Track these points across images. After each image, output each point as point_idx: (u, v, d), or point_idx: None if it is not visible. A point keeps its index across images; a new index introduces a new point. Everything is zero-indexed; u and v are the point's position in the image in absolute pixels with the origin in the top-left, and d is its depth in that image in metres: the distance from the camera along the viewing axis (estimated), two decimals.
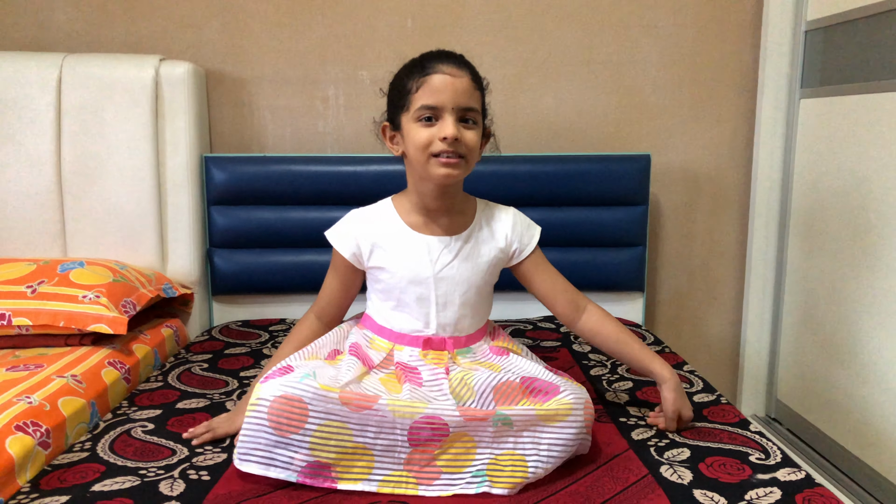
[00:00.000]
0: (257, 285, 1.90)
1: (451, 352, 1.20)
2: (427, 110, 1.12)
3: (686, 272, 2.10)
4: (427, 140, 1.13)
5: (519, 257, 1.26)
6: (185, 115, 1.79)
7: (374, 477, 1.02)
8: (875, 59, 1.61)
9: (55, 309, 1.46)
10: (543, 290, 1.27)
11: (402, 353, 1.20)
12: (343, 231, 1.24)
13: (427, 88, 1.12)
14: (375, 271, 1.23)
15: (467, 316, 1.23)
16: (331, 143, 1.98)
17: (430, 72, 1.13)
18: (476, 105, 1.15)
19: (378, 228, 1.23)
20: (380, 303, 1.24)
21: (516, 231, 1.25)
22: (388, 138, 1.22)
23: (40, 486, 1.02)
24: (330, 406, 1.00)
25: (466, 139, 1.13)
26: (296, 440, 1.00)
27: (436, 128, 1.12)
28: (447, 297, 1.20)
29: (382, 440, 1.02)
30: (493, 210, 1.27)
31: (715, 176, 2.05)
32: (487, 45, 1.95)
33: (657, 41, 1.97)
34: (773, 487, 1.01)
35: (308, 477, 1.01)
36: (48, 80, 1.73)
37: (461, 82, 1.13)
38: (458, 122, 1.13)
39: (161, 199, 1.80)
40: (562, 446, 1.04)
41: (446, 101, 1.12)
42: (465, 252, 1.22)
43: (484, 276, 1.23)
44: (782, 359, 2.02)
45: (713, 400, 1.34)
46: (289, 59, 1.94)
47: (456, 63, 1.15)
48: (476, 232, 1.23)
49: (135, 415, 1.27)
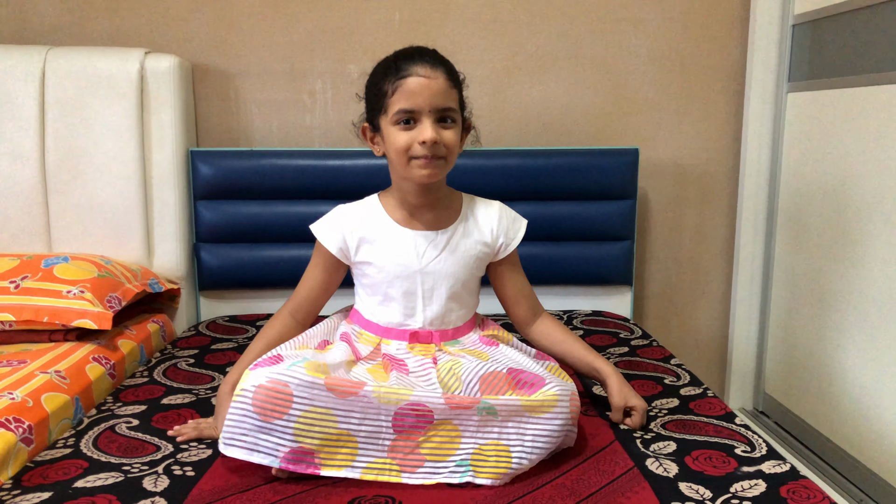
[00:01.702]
0: (244, 280, 1.89)
1: (438, 344, 1.21)
2: (404, 114, 1.12)
3: (674, 266, 2.10)
4: (406, 144, 1.12)
5: (505, 251, 1.26)
6: (170, 109, 1.78)
7: (357, 464, 1.02)
8: (862, 52, 1.62)
9: (39, 304, 1.44)
10: (512, 292, 1.29)
11: (390, 347, 1.20)
12: (329, 225, 1.23)
13: (403, 92, 1.11)
14: (362, 266, 1.22)
15: (454, 310, 1.23)
16: (318, 137, 1.97)
17: (404, 74, 1.12)
18: (453, 104, 1.15)
19: (365, 223, 1.22)
20: (367, 297, 1.24)
21: (502, 225, 1.25)
22: (368, 139, 1.22)
23: (22, 483, 1.01)
24: (315, 392, 1.00)
25: (446, 140, 1.13)
26: (280, 426, 1.00)
27: (415, 131, 1.12)
28: (434, 290, 1.21)
29: (367, 426, 1.02)
30: (479, 204, 1.27)
31: (703, 170, 2.05)
32: (475, 38, 1.95)
33: (645, 35, 1.97)
34: (758, 480, 1.01)
35: (291, 463, 1.00)
36: (31, 73, 1.71)
37: (437, 83, 1.12)
38: (436, 123, 1.12)
39: (147, 194, 1.79)
40: (546, 438, 1.05)
41: (423, 105, 1.11)
42: (451, 246, 1.22)
43: (470, 270, 1.23)
44: (770, 352, 2.02)
45: (699, 393, 1.35)
46: (276, 52, 1.93)
47: (430, 62, 1.13)
48: (461, 226, 1.23)
49: (119, 411, 1.26)
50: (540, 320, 1.30)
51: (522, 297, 1.30)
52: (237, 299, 1.93)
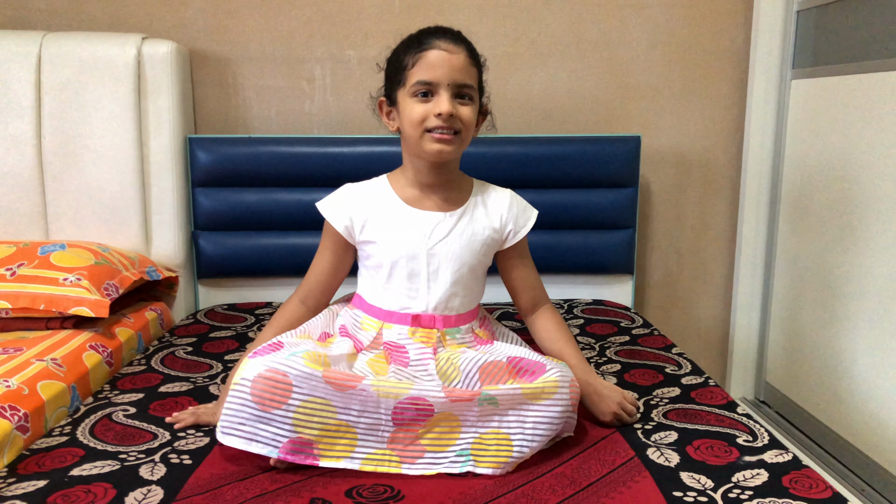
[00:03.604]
0: (243, 268, 1.88)
1: (441, 329, 1.19)
2: (423, 86, 1.12)
3: (676, 254, 2.09)
4: (422, 115, 1.13)
5: (513, 239, 1.25)
6: (168, 96, 1.76)
7: (356, 455, 1.01)
8: (867, 39, 1.60)
9: (35, 292, 1.43)
10: (517, 282, 1.29)
11: (391, 332, 1.19)
12: (336, 203, 1.23)
13: (423, 64, 1.12)
14: (367, 245, 1.21)
15: (458, 295, 1.21)
16: (317, 124, 1.96)
17: (426, 47, 1.13)
18: (472, 82, 1.15)
19: (372, 202, 1.22)
20: (370, 279, 1.23)
21: (512, 212, 1.25)
22: (384, 114, 1.22)
23: (18, 471, 1.00)
24: (314, 384, 0.99)
25: (462, 115, 1.13)
26: (279, 416, 0.99)
27: (431, 103, 1.13)
28: (439, 272, 1.19)
29: (366, 419, 1.02)
30: (490, 190, 1.27)
31: (705, 157, 2.03)
32: (475, 25, 1.92)
33: (648, 21, 1.95)
34: (760, 469, 1.01)
35: (289, 454, 1.00)
36: (27, 58, 1.69)
37: (457, 58, 1.13)
38: (453, 98, 1.13)
39: (144, 181, 1.78)
40: (547, 424, 1.04)
41: (442, 77, 1.12)
42: (460, 228, 1.21)
43: (477, 255, 1.22)
44: (771, 341, 2.01)
45: (701, 382, 1.34)
46: (274, 38, 1.91)
47: (453, 39, 1.15)
48: (471, 210, 1.23)
49: (116, 399, 1.25)
50: (540, 313, 1.29)
51: (527, 287, 1.29)
52: (236, 287, 1.91)
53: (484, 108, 1.23)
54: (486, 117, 1.25)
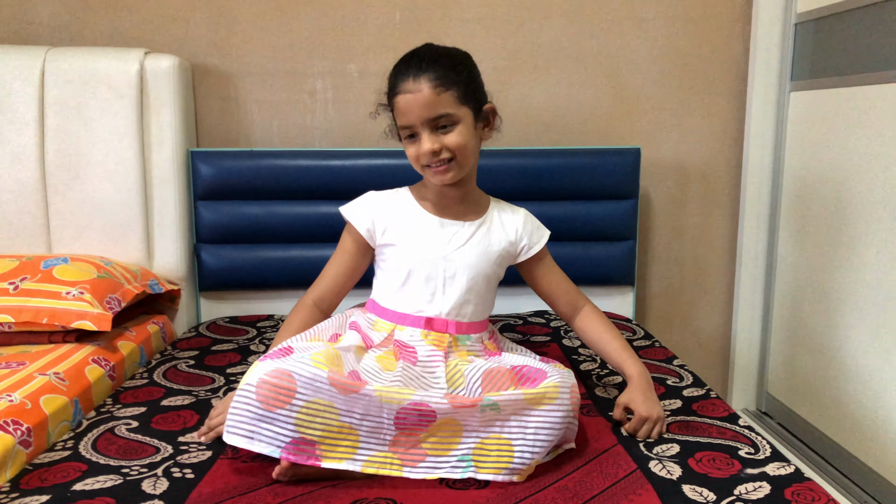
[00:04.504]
0: (245, 281, 1.88)
1: (452, 335, 1.22)
2: (406, 129, 1.19)
3: (676, 266, 2.09)
4: (415, 156, 1.19)
5: (526, 255, 1.30)
6: (170, 110, 1.77)
7: (358, 457, 1.02)
8: (865, 51, 1.61)
9: (38, 306, 1.43)
10: (547, 289, 1.34)
11: (404, 333, 1.22)
12: (360, 206, 1.29)
13: (398, 111, 1.19)
14: (386, 248, 1.26)
15: (471, 302, 1.25)
16: (319, 138, 1.97)
17: (395, 93, 1.18)
18: (446, 109, 1.16)
19: (394, 207, 1.27)
20: (387, 283, 1.26)
21: (527, 228, 1.31)
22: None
23: (21, 486, 1.00)
24: (318, 385, 1.00)
25: (448, 144, 1.17)
26: (282, 415, 0.99)
27: (418, 144, 1.18)
28: (455, 278, 1.23)
29: (368, 422, 1.02)
30: (506, 207, 1.34)
31: (705, 169, 2.04)
32: (476, 37, 1.94)
33: (647, 34, 1.96)
34: (763, 482, 1.00)
35: (292, 453, 1.00)
36: (31, 73, 1.70)
37: (422, 96, 1.15)
38: (434, 132, 1.16)
39: (147, 194, 1.78)
40: (549, 429, 1.04)
41: (415, 120, 1.16)
42: (478, 238, 1.26)
43: (492, 266, 1.27)
44: (773, 353, 2.01)
45: (703, 394, 1.34)
46: (276, 52, 1.92)
47: (414, 73, 1.16)
48: (489, 222, 1.28)
49: (119, 412, 1.26)
50: (582, 314, 1.33)
51: (561, 292, 1.34)
52: (238, 300, 1.92)
53: (485, 109, 1.24)
54: (494, 116, 1.27)
